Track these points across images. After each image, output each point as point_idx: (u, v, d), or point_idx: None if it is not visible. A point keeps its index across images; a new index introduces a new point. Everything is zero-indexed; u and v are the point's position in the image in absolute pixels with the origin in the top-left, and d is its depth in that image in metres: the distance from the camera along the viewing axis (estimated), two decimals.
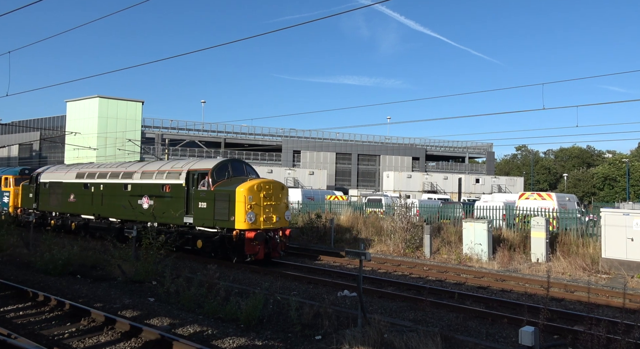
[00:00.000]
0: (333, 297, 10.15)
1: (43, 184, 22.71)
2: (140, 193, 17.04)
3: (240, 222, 13.65)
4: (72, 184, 20.63)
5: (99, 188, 19.15)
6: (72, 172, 21.32)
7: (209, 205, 14.44)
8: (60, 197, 21.16)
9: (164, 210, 15.93)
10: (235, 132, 63.49)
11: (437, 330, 7.31)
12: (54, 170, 22.94)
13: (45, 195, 22.44)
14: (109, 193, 18.60)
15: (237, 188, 13.85)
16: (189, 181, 15.39)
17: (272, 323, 8.23)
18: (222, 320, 8.25)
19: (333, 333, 7.51)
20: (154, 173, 16.87)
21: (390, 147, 70.86)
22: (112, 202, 18.41)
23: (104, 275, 12.32)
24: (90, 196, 19.51)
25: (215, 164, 15.11)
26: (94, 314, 8.15)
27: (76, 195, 20.28)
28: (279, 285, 11.47)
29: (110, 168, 19.56)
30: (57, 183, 21.71)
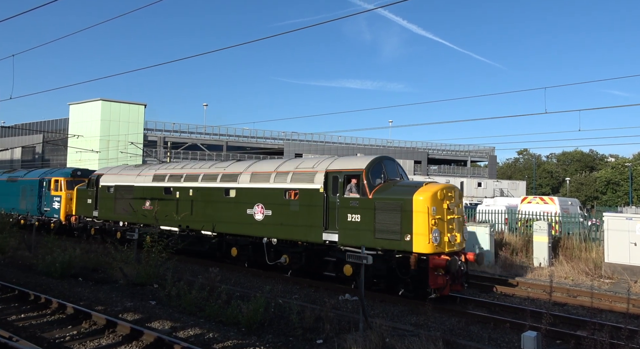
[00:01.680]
0: (334, 301, 10.11)
1: (106, 188, 18.91)
2: (250, 200, 13.35)
3: (421, 243, 9.89)
4: (148, 188, 16.84)
5: (186, 193, 15.43)
6: (146, 173, 17.65)
7: (365, 218, 10.72)
8: (131, 204, 17.17)
9: (287, 223, 12.33)
10: (237, 135, 63.61)
11: (439, 334, 7.28)
12: (120, 171, 19.23)
13: (108, 201, 18.68)
14: (203, 200, 14.88)
15: (415, 195, 10.13)
16: (328, 186, 11.63)
17: (274, 326, 8.22)
18: (223, 324, 8.23)
19: (334, 337, 7.48)
20: (271, 175, 13.12)
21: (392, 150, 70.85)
22: (206, 211, 14.70)
23: (106, 277, 12.33)
24: (174, 203, 15.73)
25: (369, 163, 11.35)
26: (95, 317, 8.15)
27: (154, 201, 16.50)
28: (280, 288, 11.43)
29: (201, 168, 15.73)
30: (125, 187, 17.95)
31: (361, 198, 10.89)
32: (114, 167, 20.67)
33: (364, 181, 10.94)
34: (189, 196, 15.36)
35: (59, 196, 22.32)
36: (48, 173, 23.78)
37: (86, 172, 23.08)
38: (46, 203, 22.94)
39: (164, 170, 17.02)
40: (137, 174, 17.90)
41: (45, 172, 24.24)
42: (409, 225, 10.01)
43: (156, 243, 11.90)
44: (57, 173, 23.37)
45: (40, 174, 24.26)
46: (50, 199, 22.78)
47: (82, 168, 24.27)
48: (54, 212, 22.47)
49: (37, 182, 23.90)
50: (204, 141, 61.18)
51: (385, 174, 11.53)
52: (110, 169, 20.21)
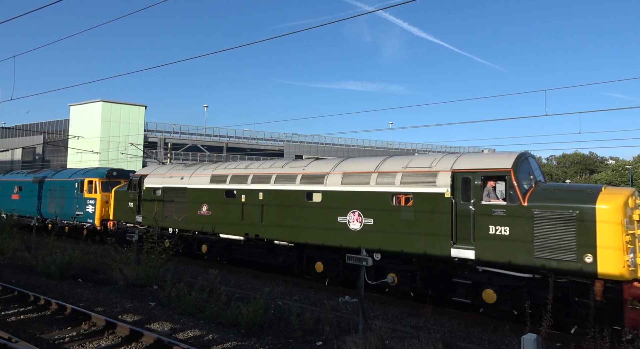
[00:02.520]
0: (334, 302, 10.11)
1: (151, 190, 16.69)
2: (342, 205, 11.15)
3: (611, 265, 7.60)
4: (205, 191, 14.67)
5: (255, 197, 13.17)
6: (200, 173, 15.36)
7: (516, 231, 8.57)
8: (183, 208, 15.23)
9: (397, 234, 10.14)
10: (237, 137, 63.61)
11: (438, 336, 7.27)
12: (168, 171, 16.91)
13: (154, 204, 16.40)
14: (277, 205, 12.65)
15: (600, 201, 7.92)
16: (456, 190, 9.51)
17: (273, 328, 8.21)
18: (223, 325, 8.22)
19: (334, 339, 7.48)
20: (371, 176, 10.86)
21: (393, 152, 70.84)
22: (281, 218, 12.50)
23: (106, 278, 12.32)
24: (238, 208, 13.56)
25: (515, 160, 9.14)
26: (95, 318, 8.14)
27: (212, 206, 14.35)
28: (280, 290, 11.43)
29: (272, 168, 13.44)
30: (176, 189, 15.71)
31: (509, 205, 8.69)
32: (160, 167, 18.15)
33: (514, 184, 8.74)
34: (258, 201, 13.06)
35: (93, 199, 19.99)
36: (80, 174, 21.58)
37: (122, 172, 21.25)
38: (78, 206, 20.57)
39: (223, 170, 14.72)
40: (190, 174, 15.56)
41: (77, 172, 22.04)
42: (591, 242, 7.74)
43: (156, 244, 11.90)
44: (90, 174, 21.04)
45: (71, 174, 22.02)
46: (84, 202, 20.37)
47: (117, 168, 21.81)
48: (88, 216, 20.07)
49: (68, 184, 21.56)
50: (204, 142, 61.20)
51: (534, 175, 9.42)
52: (155, 169, 17.70)
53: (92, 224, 19.80)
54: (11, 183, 25.74)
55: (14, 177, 26.17)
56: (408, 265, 10.19)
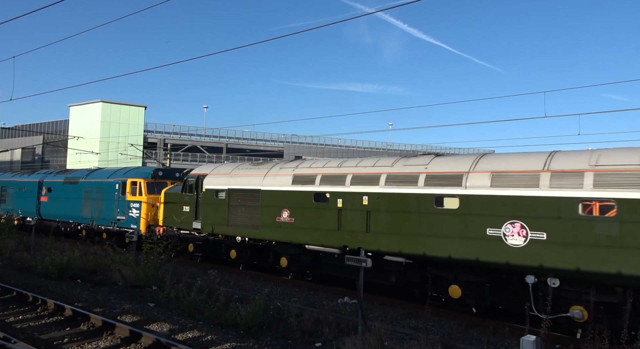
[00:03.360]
0: (333, 304, 10.11)
1: (212, 192, 14.35)
2: (493, 213, 8.86)
3: None
4: (286, 194, 12.39)
5: (357, 201, 10.97)
6: (278, 173, 13.07)
7: None
8: (255, 214, 13.06)
9: (586, 252, 7.80)
10: (237, 137, 63.63)
11: (437, 338, 7.26)
12: (233, 170, 14.44)
13: (217, 209, 14.09)
14: (389, 211, 10.44)
15: None
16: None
17: (272, 329, 8.20)
18: (222, 326, 8.22)
19: (333, 340, 7.48)
20: (540, 176, 8.50)
21: (392, 153, 70.87)
22: (395, 228, 10.29)
23: (104, 279, 12.30)
24: (333, 214, 11.42)
25: None
26: (94, 319, 8.13)
27: (295, 211, 12.17)
28: (280, 291, 11.42)
29: (378, 166, 11.13)
30: (246, 191, 13.42)
31: None
32: (222, 165, 15.88)
33: None
34: (361, 206, 10.86)
35: (137, 203, 17.52)
36: (120, 174, 19.28)
37: (168, 172, 18.93)
38: (120, 210, 18.16)
39: (308, 170, 12.45)
40: (263, 175, 13.30)
41: (117, 172, 19.74)
42: None
43: (155, 245, 11.89)
44: (133, 174, 18.63)
45: (109, 174, 19.75)
46: (126, 205, 17.95)
47: (162, 168, 19.69)
48: (131, 222, 17.65)
49: (107, 185, 19.21)
50: (203, 143, 61.20)
51: None
52: (216, 167, 15.45)
53: (137, 230, 17.07)
54: (38, 184, 23.58)
55: (41, 177, 23.84)
56: (607, 295, 7.74)
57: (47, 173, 24.37)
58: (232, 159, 58.02)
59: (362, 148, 69.83)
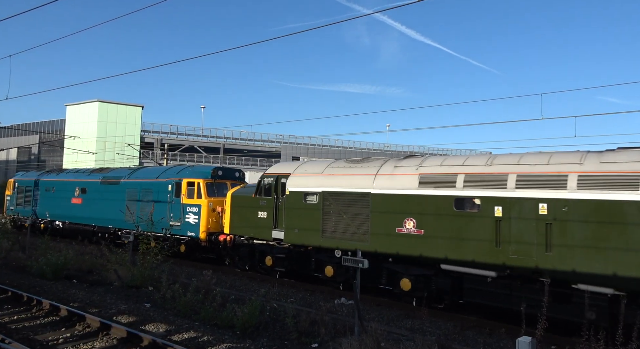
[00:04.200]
0: (330, 304, 10.10)
1: (299, 196, 12.08)
2: None
3: None
4: (411, 199, 10.15)
5: (529, 210, 8.63)
6: (394, 172, 10.76)
7: None
8: (362, 222, 10.85)
9: None
10: (234, 138, 63.57)
11: (434, 339, 7.27)
12: (324, 169, 12.10)
13: (306, 215, 11.89)
14: (587, 222, 8.03)
15: None
16: None
17: (269, 330, 8.19)
18: (218, 327, 8.20)
19: (330, 341, 7.47)
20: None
21: (390, 154, 70.95)
22: (600, 246, 7.86)
23: (100, 279, 12.26)
24: (488, 226, 9.06)
25: None
26: (89, 319, 8.10)
27: (425, 220, 9.89)
28: (276, 291, 11.41)
29: (564, 164, 8.61)
30: (347, 195, 11.18)
31: None
32: (309, 164, 13.37)
33: None
34: (536, 215, 8.50)
35: (196, 206, 15.28)
36: (172, 173, 16.88)
37: (228, 172, 16.74)
38: (174, 214, 15.98)
39: (443, 168, 10.08)
40: (373, 174, 10.99)
41: (168, 171, 17.40)
42: None
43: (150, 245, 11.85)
44: (188, 173, 16.23)
45: (159, 173, 17.38)
46: (181, 210, 15.70)
47: (222, 167, 17.22)
48: (188, 228, 15.42)
49: (157, 186, 16.83)
50: (201, 143, 61.11)
51: None
52: (300, 166, 12.89)
53: (196, 238, 15.18)
54: (70, 184, 21.09)
55: (73, 177, 21.58)
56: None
57: (79, 172, 22.14)
58: (229, 159, 57.97)
59: (359, 149, 69.90)
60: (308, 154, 65.33)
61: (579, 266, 8.02)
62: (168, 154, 40.46)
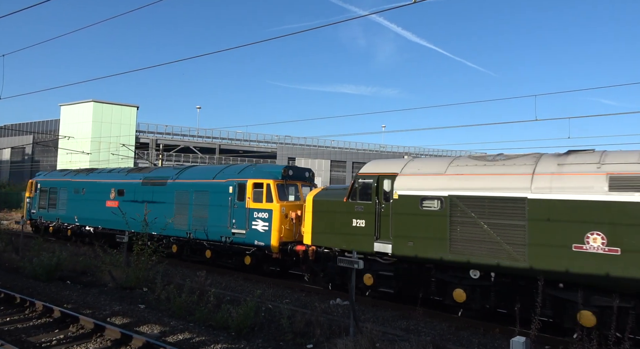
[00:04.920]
0: (325, 305, 10.11)
1: (411, 201, 10.00)
2: None
3: None
4: (598, 207, 7.84)
5: None
6: (560, 171, 8.50)
7: None
8: (516, 236, 8.58)
9: None
10: (230, 138, 63.47)
11: (429, 339, 7.29)
12: (447, 167, 9.99)
13: (423, 225, 9.78)
14: None
15: None
16: None
17: (264, 331, 8.17)
18: (213, 328, 8.18)
19: (325, 342, 7.47)
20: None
21: (385, 155, 71.13)
22: None
23: (94, 280, 12.19)
24: None
25: None
26: (83, 320, 8.05)
27: (624, 236, 7.57)
28: (271, 292, 11.40)
29: None
30: (490, 200, 8.96)
31: None
32: (422, 161, 10.94)
33: None
34: None
35: (265, 212, 13.00)
36: (233, 172, 14.49)
37: (299, 172, 14.30)
38: (236, 221, 13.69)
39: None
40: (529, 174, 8.71)
41: (225, 171, 14.95)
42: None
43: (146, 246, 11.80)
44: (253, 172, 13.82)
45: (216, 173, 15.03)
46: (246, 215, 13.41)
47: (292, 166, 14.77)
48: (255, 237, 13.17)
49: (215, 187, 14.50)
50: (196, 144, 60.95)
51: None
52: (409, 164, 10.67)
53: (265, 248, 12.94)
54: (104, 186, 18.93)
55: (108, 177, 19.38)
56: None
57: (113, 171, 19.92)
58: (224, 160, 57.84)
59: (355, 150, 70.00)
60: (304, 154, 65.36)
61: None
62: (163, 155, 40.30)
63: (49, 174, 23.77)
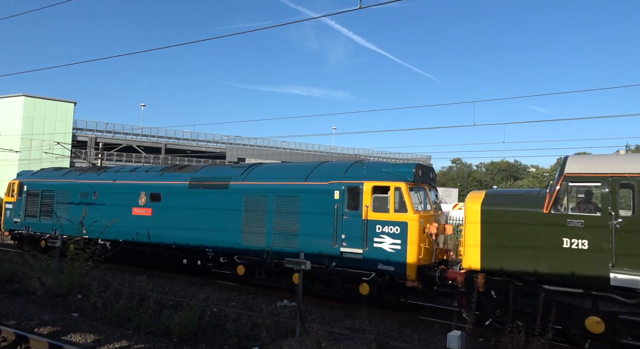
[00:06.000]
0: (272, 307, 10.04)
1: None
2: None
3: None
4: None
5: None
6: None
7: None
8: None
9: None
10: (177, 138, 61.34)
11: (372, 337, 7.47)
12: None
13: None
14: None
15: None
16: None
17: (208, 335, 7.98)
18: (154, 334, 7.85)
19: (270, 344, 7.43)
20: None
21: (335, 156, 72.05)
22: None
23: (22, 288, 11.26)
24: None
25: None
26: (5, 332, 7.41)
27: None
28: (217, 296, 11.15)
29: None
30: None
31: None
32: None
33: None
34: None
35: (396, 225, 9.85)
36: (336, 172, 11.03)
37: (425, 171, 11.05)
38: (347, 236, 10.37)
39: None
40: None
41: (320, 169, 11.48)
42: None
43: (81, 250, 11.10)
44: (369, 172, 10.60)
45: (308, 173, 11.43)
46: (363, 229, 10.17)
47: (421, 164, 11.02)
48: (379, 258, 9.97)
49: (311, 191, 11.05)
50: (140, 143, 58.28)
51: None
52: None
53: (395, 274, 9.83)
54: (128, 188, 14.78)
55: (133, 178, 15.13)
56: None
57: (137, 170, 15.64)
58: (171, 160, 55.80)
59: (305, 152, 70.27)
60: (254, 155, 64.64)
61: None
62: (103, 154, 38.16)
63: (38, 173, 18.81)
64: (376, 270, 9.99)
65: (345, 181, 10.64)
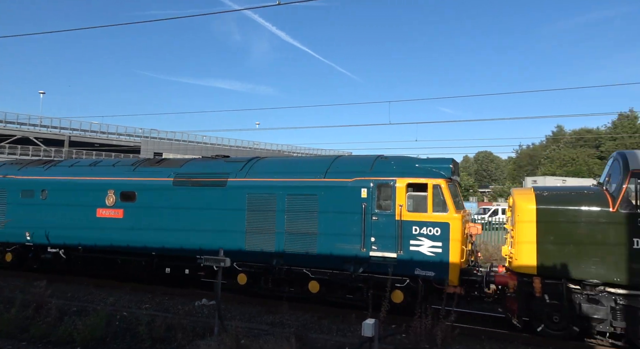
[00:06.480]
0: (190, 307, 9.71)
1: None
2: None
3: None
4: None
5: None
6: None
7: None
8: None
9: None
10: (83, 130, 56.14)
11: (292, 331, 7.58)
12: None
13: None
14: None
15: None
16: None
17: (118, 341, 7.49)
18: (53, 344, 7.19)
19: (187, 345, 7.21)
20: None
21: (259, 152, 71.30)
22: None
23: None
24: None
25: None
26: None
27: None
28: (128, 298, 10.49)
29: None
30: None
31: None
32: None
33: None
34: None
35: (436, 225, 8.94)
36: (361, 168, 9.79)
37: (456, 167, 10.27)
38: (377, 239, 9.28)
39: None
40: None
41: (339, 164, 10.23)
42: None
43: None
44: (396, 167, 9.55)
45: (326, 168, 10.12)
46: (398, 231, 9.11)
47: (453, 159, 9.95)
48: (416, 263, 8.99)
49: (332, 188, 9.74)
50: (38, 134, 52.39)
51: None
52: None
53: (435, 279, 8.93)
54: (92, 186, 12.34)
55: (95, 173, 12.64)
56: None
57: (101, 164, 13.20)
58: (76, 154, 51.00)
59: (228, 147, 68.56)
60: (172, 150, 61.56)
61: None
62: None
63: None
64: (412, 275, 9.07)
65: (373, 178, 9.48)
